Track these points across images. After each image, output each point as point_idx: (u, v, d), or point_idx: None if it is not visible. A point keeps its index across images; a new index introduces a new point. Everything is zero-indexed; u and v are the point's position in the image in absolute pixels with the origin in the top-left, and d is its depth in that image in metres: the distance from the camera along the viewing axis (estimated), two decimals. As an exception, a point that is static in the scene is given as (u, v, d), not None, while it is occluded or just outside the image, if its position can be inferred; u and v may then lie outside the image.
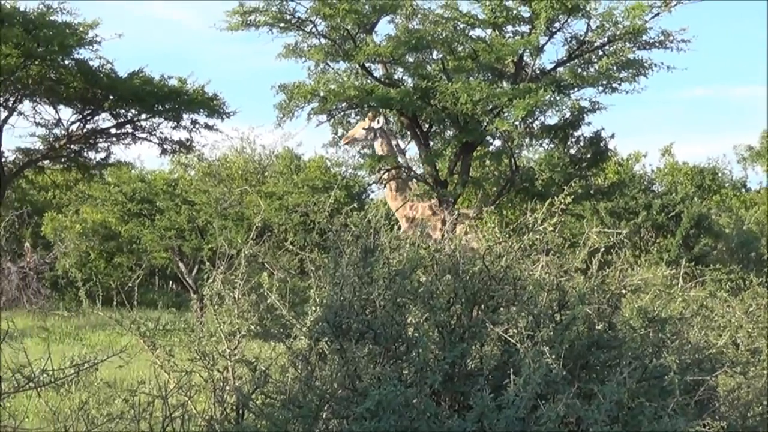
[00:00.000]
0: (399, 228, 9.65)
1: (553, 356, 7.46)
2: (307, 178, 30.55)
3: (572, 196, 9.80)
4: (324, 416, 8.33)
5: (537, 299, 8.65)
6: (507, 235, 9.19)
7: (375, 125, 21.59)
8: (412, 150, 23.71)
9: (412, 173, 23.08)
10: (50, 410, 9.85)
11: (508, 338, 8.02)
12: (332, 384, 8.37)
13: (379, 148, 21.81)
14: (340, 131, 23.81)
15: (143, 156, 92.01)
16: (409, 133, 23.19)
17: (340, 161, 34.57)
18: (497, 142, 22.65)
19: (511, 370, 7.54)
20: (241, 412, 8.95)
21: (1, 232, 29.19)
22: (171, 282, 43.90)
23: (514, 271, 8.92)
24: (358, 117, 23.44)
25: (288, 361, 9.06)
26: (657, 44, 21.27)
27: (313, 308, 9.17)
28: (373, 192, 23.37)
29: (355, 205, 23.53)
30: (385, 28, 45.84)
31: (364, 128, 21.81)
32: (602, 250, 9.65)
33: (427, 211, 21.55)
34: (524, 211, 9.84)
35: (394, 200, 21.95)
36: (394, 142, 22.26)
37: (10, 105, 17.43)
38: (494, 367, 8.34)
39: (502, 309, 8.90)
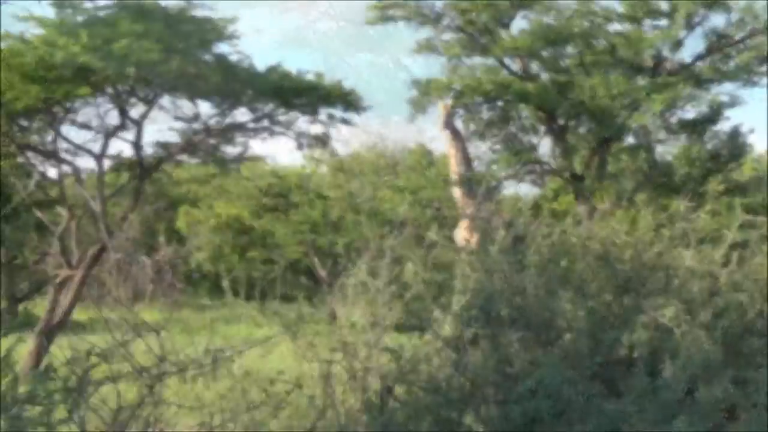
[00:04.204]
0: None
1: (710, 341, 7.48)
2: (440, 173, 30.56)
3: (720, 188, 9.81)
4: (474, 402, 8.39)
5: (689, 286, 8.68)
6: (656, 226, 9.21)
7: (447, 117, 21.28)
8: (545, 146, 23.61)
9: (547, 167, 23.10)
10: (195, 398, 10.12)
11: (665, 322, 8.05)
12: (483, 369, 8.44)
13: (449, 143, 21.66)
14: (472, 126, 23.81)
15: (275, 151, 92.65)
16: (543, 128, 23.15)
17: (472, 156, 34.67)
18: (632, 139, 22.55)
19: (667, 355, 7.58)
20: (384, 399, 9.05)
21: (137, 226, 29.94)
22: (303, 275, 44.49)
23: (665, 259, 8.94)
24: (492, 111, 23.46)
25: (433, 350, 9.12)
26: (798, 38, 20.94)
27: (458, 297, 9.26)
28: (505, 188, 23.31)
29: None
30: (517, 23, 45.75)
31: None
32: (739, 246, 9.62)
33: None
34: (662, 206, 9.82)
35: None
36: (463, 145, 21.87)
37: (151, 99, 17.81)
38: (648, 352, 8.38)
39: (652, 296, 8.93)
